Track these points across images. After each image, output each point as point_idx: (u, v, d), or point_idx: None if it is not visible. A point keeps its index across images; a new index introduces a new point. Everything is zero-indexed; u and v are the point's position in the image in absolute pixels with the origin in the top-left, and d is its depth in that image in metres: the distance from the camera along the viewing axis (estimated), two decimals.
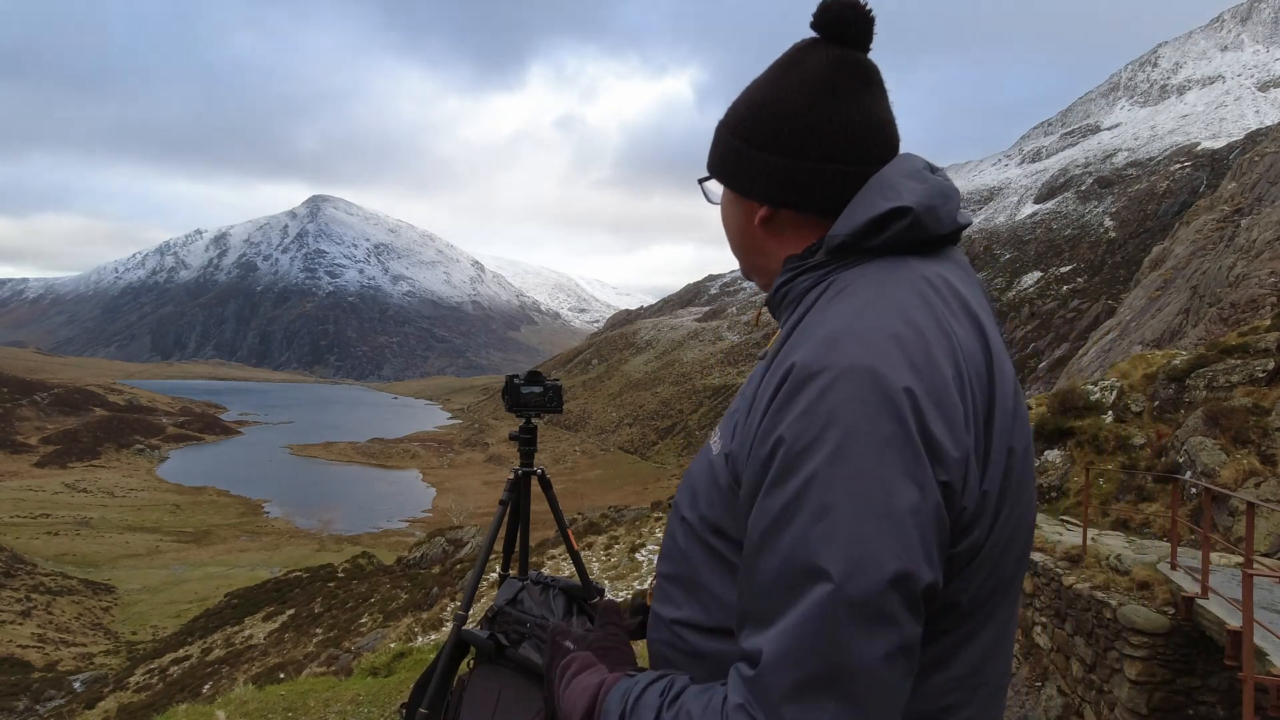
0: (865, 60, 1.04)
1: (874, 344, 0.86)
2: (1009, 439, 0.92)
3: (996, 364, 0.93)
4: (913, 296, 0.92)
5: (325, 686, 6.46)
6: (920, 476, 0.81)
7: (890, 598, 0.79)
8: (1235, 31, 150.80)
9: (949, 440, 0.84)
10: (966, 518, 0.87)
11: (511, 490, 2.92)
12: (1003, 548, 0.93)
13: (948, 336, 0.89)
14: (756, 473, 0.88)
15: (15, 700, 31.84)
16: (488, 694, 2.31)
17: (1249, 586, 4.92)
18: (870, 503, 0.80)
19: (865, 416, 0.82)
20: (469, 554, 34.91)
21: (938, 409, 0.84)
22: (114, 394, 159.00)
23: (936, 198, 0.99)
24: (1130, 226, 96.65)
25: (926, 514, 0.81)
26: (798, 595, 0.81)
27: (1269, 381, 9.75)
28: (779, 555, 0.83)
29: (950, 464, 0.84)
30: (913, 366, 0.84)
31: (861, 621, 0.79)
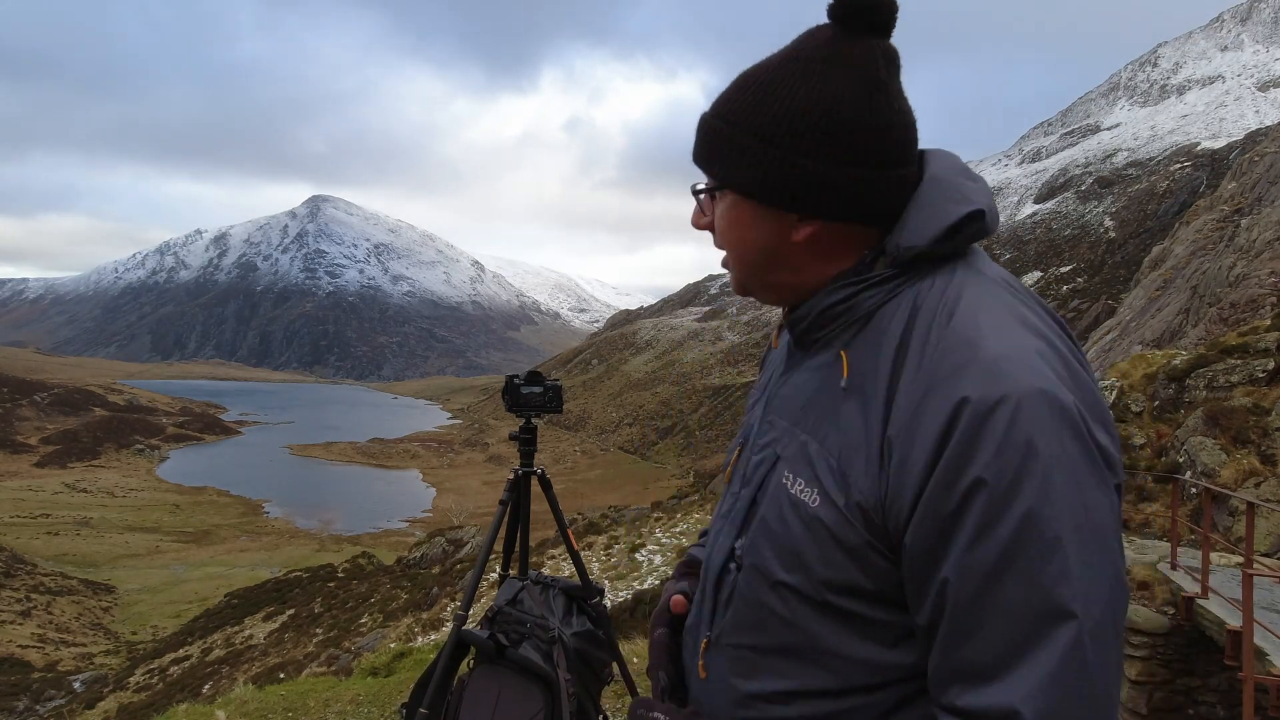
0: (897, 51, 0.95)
1: (1033, 365, 0.82)
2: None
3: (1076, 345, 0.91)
4: (1016, 304, 0.89)
5: (325, 686, 6.46)
6: (1109, 489, 0.81)
7: (1118, 618, 0.80)
8: (1235, 31, 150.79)
9: (1112, 446, 0.84)
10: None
11: (511, 490, 2.92)
12: None
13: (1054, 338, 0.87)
14: (944, 522, 0.81)
15: (15, 700, 31.84)
16: (487, 694, 2.30)
17: (1249, 586, 4.92)
18: (1089, 530, 0.79)
19: (1059, 441, 0.79)
20: (469, 554, 34.90)
21: (1096, 418, 0.83)
22: (114, 394, 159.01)
23: (990, 196, 0.94)
24: (1130, 226, 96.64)
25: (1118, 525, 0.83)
26: (1042, 639, 0.77)
27: (1269, 381, 9.75)
28: (1003, 603, 0.78)
29: (1118, 468, 0.84)
30: (1064, 380, 0.82)
31: (1106, 650, 0.78)
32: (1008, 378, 0.80)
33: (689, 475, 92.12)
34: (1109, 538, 0.80)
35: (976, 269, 0.92)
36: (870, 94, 0.90)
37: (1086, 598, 0.77)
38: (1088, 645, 0.77)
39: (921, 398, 0.83)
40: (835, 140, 0.90)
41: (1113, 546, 0.81)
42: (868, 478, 0.86)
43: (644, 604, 12.43)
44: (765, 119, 0.92)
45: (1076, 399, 0.81)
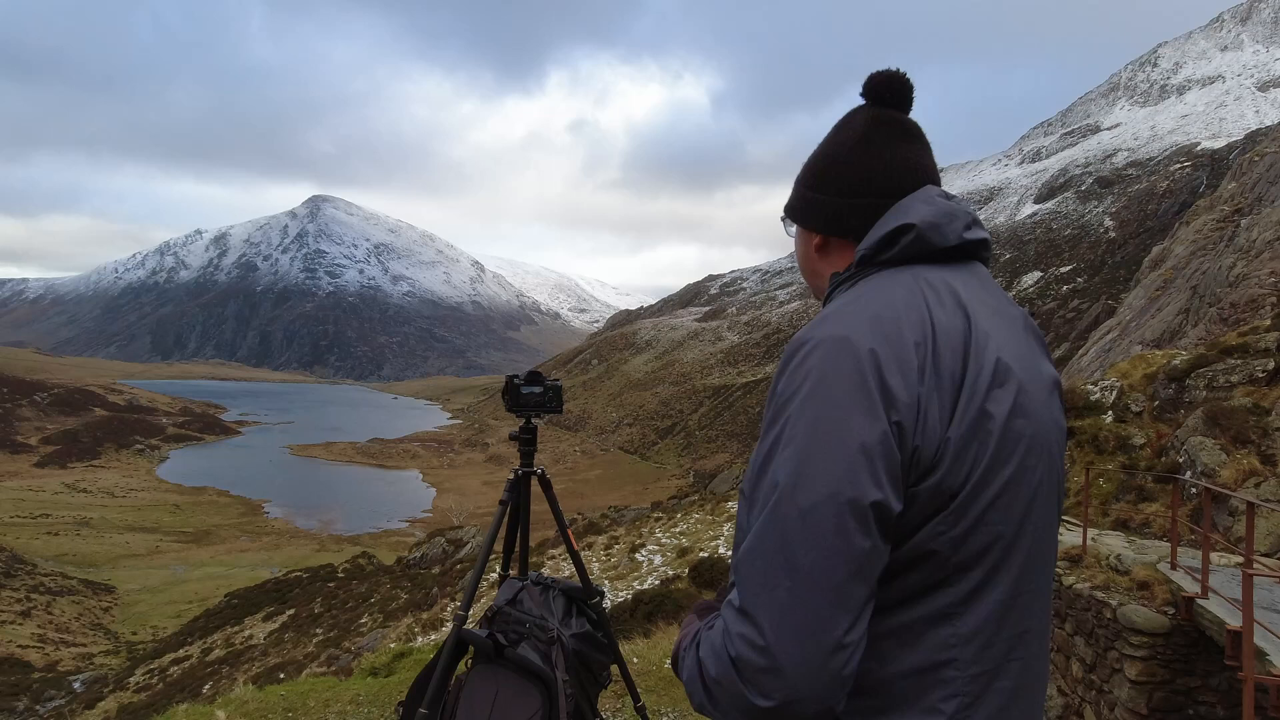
0: (902, 117, 1.28)
1: (851, 320, 1.09)
2: (982, 403, 1.07)
3: (975, 344, 1.10)
4: (900, 289, 1.13)
5: (325, 686, 6.46)
6: (874, 414, 1.01)
7: (833, 508, 0.99)
8: (1235, 31, 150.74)
9: (902, 389, 1.03)
10: (924, 457, 1.03)
11: (511, 490, 2.92)
12: (989, 504, 1.06)
13: (920, 315, 1.09)
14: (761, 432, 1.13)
15: (15, 700, 31.83)
16: (485, 693, 2.30)
17: (1249, 586, 4.91)
18: (824, 432, 1.02)
19: (833, 369, 1.04)
20: (469, 554, 34.90)
21: (895, 364, 1.04)
22: (114, 394, 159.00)
23: (942, 217, 1.19)
24: (1130, 226, 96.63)
25: (875, 444, 1.01)
26: (766, 504, 1.03)
27: (1269, 381, 9.74)
28: (764, 482, 1.05)
29: (901, 407, 1.03)
30: (879, 334, 1.06)
31: (808, 526, 0.99)
32: (821, 327, 1.11)
33: (689, 475, 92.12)
34: (851, 450, 1.00)
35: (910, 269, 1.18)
36: (854, 147, 1.27)
37: (795, 479, 1.01)
38: (790, 516, 1.00)
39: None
40: (825, 178, 1.29)
41: (851, 457, 0.99)
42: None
43: (644, 604, 12.41)
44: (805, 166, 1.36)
45: (881, 348, 1.04)
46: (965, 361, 1.08)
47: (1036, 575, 1.13)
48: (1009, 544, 1.09)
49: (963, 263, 1.22)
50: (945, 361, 1.07)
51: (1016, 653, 1.09)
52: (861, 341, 1.05)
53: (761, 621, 0.99)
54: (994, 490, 1.07)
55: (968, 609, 1.06)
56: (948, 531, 1.05)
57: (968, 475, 1.05)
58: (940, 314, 1.11)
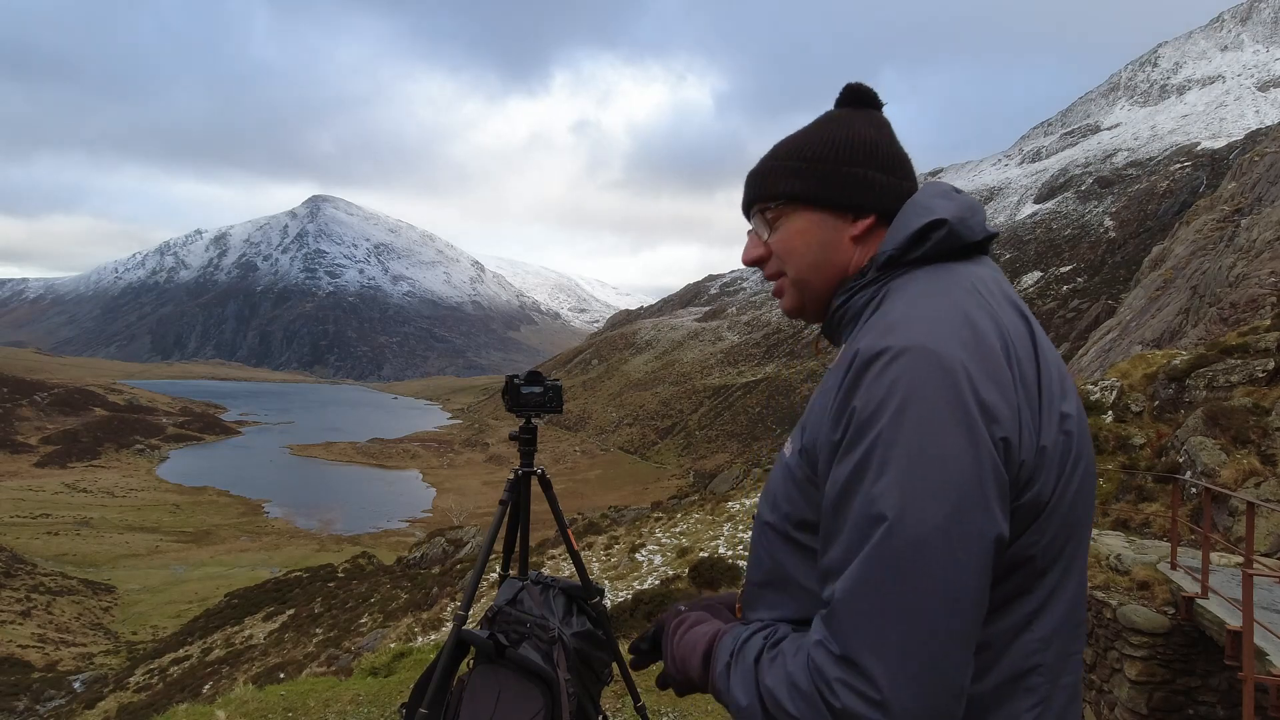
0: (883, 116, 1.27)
1: (928, 327, 0.99)
2: (1060, 404, 1.03)
3: (1040, 343, 1.07)
4: (959, 289, 1.07)
5: (325, 686, 6.46)
6: (977, 434, 0.92)
7: (948, 543, 0.90)
8: (1235, 31, 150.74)
9: (1001, 402, 0.95)
10: (1026, 471, 0.97)
11: (511, 490, 2.92)
12: (1070, 506, 1.04)
13: (993, 319, 1.03)
14: (830, 449, 1.00)
15: (15, 700, 31.84)
16: (487, 694, 2.30)
17: (1249, 586, 4.92)
18: (928, 458, 0.91)
19: (924, 383, 0.94)
20: (469, 554, 34.91)
21: (989, 377, 0.96)
22: (114, 394, 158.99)
23: (966, 210, 1.15)
24: (1130, 226, 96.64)
25: (986, 469, 0.92)
26: (864, 541, 0.92)
27: (1269, 381, 9.74)
28: (850, 512, 0.94)
29: (1005, 421, 0.95)
30: (963, 343, 0.97)
31: (922, 563, 0.89)
32: (894, 335, 0.99)
33: (689, 475, 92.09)
34: (951, 469, 0.91)
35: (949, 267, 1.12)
36: (884, 129, 1.23)
37: (903, 510, 0.90)
38: (898, 550, 0.90)
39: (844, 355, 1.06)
40: (867, 153, 1.19)
41: (953, 477, 0.91)
42: (813, 425, 1.07)
43: (644, 604, 12.42)
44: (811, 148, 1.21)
45: (970, 358, 0.96)
46: (1038, 365, 1.04)
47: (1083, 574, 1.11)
48: (1079, 542, 1.08)
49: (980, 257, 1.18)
50: (1024, 367, 1.02)
51: (1075, 645, 1.08)
52: (949, 351, 0.96)
53: (874, 671, 0.89)
54: (1073, 491, 1.04)
55: (1045, 611, 1.03)
56: (1040, 540, 1.01)
57: (1056, 481, 1.01)
58: (1003, 316, 1.05)
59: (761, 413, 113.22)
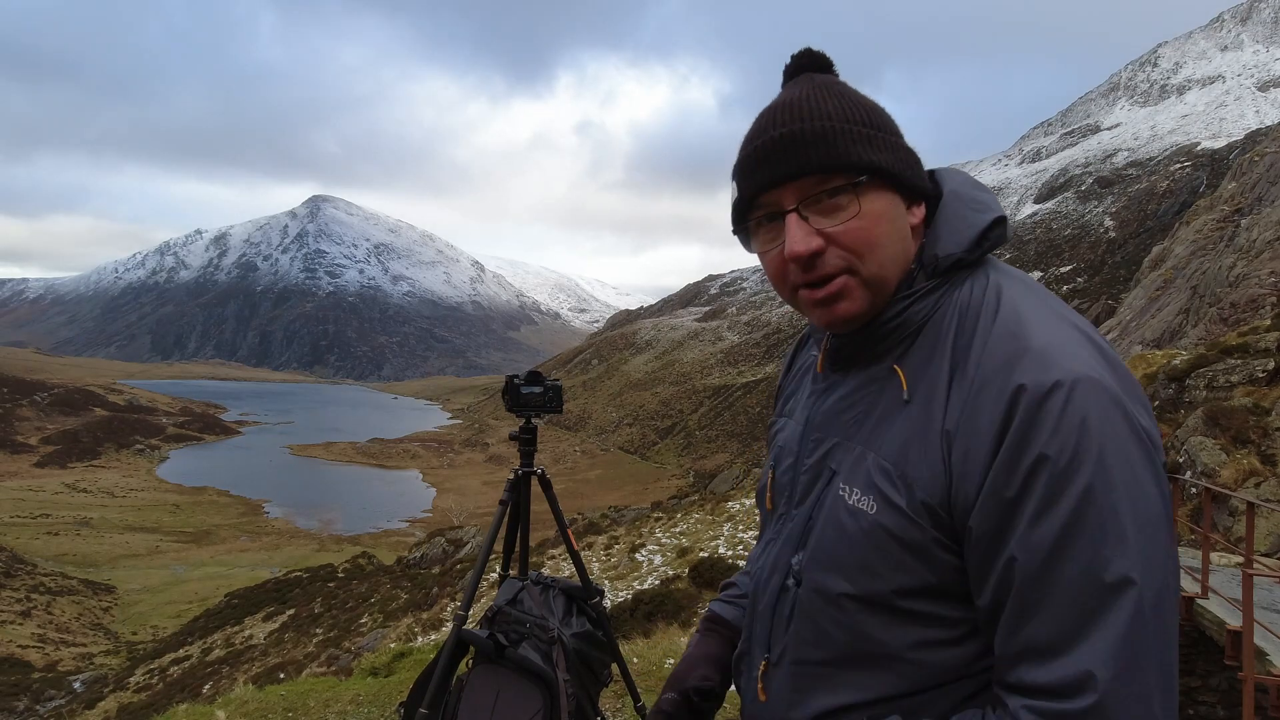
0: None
1: (1078, 353, 0.87)
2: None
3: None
4: (1049, 299, 0.97)
5: (325, 686, 6.46)
6: (1158, 469, 0.86)
7: (1174, 589, 0.83)
8: (1235, 31, 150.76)
9: (1153, 428, 0.88)
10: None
11: (512, 490, 2.92)
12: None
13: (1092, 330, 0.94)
14: (1008, 503, 0.84)
15: (15, 700, 31.84)
16: (486, 694, 2.30)
17: (1249, 586, 4.92)
18: (1143, 504, 0.82)
19: (1110, 421, 0.83)
20: (469, 554, 34.91)
21: (1137, 401, 0.87)
22: (114, 394, 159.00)
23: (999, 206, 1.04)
24: (1130, 226, 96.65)
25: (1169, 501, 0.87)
26: (1108, 609, 0.80)
27: (1269, 381, 9.75)
28: (1071, 575, 0.81)
29: (1160, 449, 0.88)
30: (1105, 367, 0.88)
31: (1165, 617, 0.81)
32: (1058, 365, 0.85)
33: (689, 475, 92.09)
34: (1159, 512, 0.83)
35: (1005, 271, 1.01)
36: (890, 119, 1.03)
37: (1145, 567, 0.80)
38: (1148, 612, 0.80)
39: (978, 391, 0.88)
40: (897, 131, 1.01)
41: (1163, 521, 0.83)
42: (930, 475, 0.89)
43: (644, 604, 12.42)
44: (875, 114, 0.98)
45: (1117, 383, 0.86)
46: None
47: None
48: None
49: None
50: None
51: None
52: (1108, 380, 0.86)
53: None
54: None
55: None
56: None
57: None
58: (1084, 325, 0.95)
59: (762, 413, 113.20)
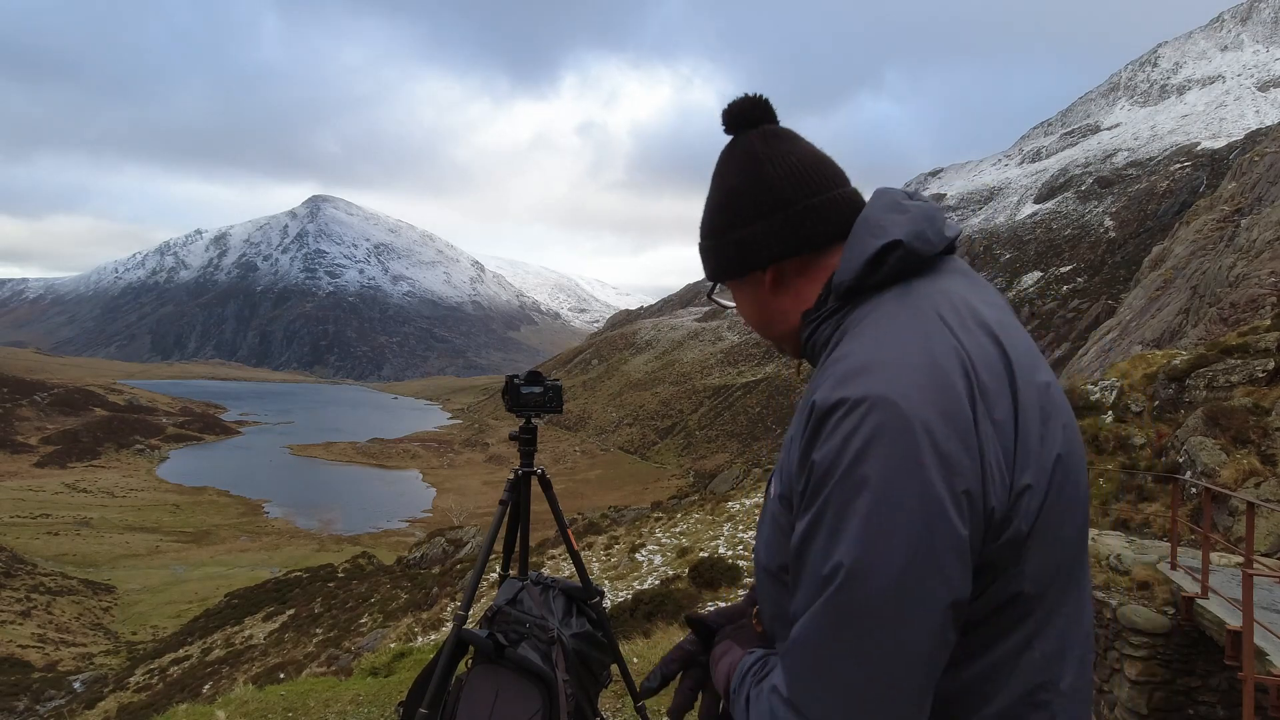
0: (778, 126, 1.19)
1: (888, 375, 0.94)
2: (1040, 435, 0.98)
3: (1016, 369, 1.00)
4: (921, 323, 1.00)
5: (325, 686, 6.46)
6: (932, 493, 0.88)
7: (898, 599, 0.88)
8: (1235, 31, 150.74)
9: (963, 453, 0.90)
10: (999, 515, 0.93)
11: (512, 490, 2.92)
12: (1058, 528, 1.00)
13: (955, 353, 0.96)
14: (796, 500, 0.99)
15: (15, 700, 31.83)
16: (485, 693, 2.30)
17: (1249, 586, 4.92)
18: (886, 511, 0.88)
19: (880, 439, 0.90)
20: (469, 554, 34.91)
21: (949, 426, 0.91)
22: (114, 394, 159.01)
23: (922, 222, 1.07)
24: (1130, 226, 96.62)
25: (939, 528, 0.89)
26: (821, 592, 0.91)
27: (1269, 381, 9.74)
28: (808, 563, 0.93)
29: (967, 473, 0.90)
30: (927, 390, 0.92)
31: (869, 616, 0.88)
32: (850, 385, 0.94)
33: (689, 475, 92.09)
34: (904, 529, 0.88)
35: (911, 290, 1.05)
36: (750, 167, 1.15)
37: (858, 560, 0.88)
38: (852, 606, 0.88)
39: (803, 404, 1.02)
40: (738, 210, 1.16)
41: (907, 538, 0.88)
42: (786, 471, 1.04)
43: (644, 604, 12.42)
44: (705, 222, 1.23)
45: (930, 408, 0.91)
46: (1014, 395, 0.98)
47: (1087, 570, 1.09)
48: (1075, 557, 1.05)
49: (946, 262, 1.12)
50: (994, 400, 0.96)
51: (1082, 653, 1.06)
52: (910, 404, 0.91)
53: (814, 711, 0.91)
54: (1061, 512, 1.00)
55: (1045, 630, 1.00)
56: (1028, 572, 0.98)
57: (1038, 513, 0.97)
58: (970, 342, 0.99)
59: (761, 413, 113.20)
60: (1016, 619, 0.98)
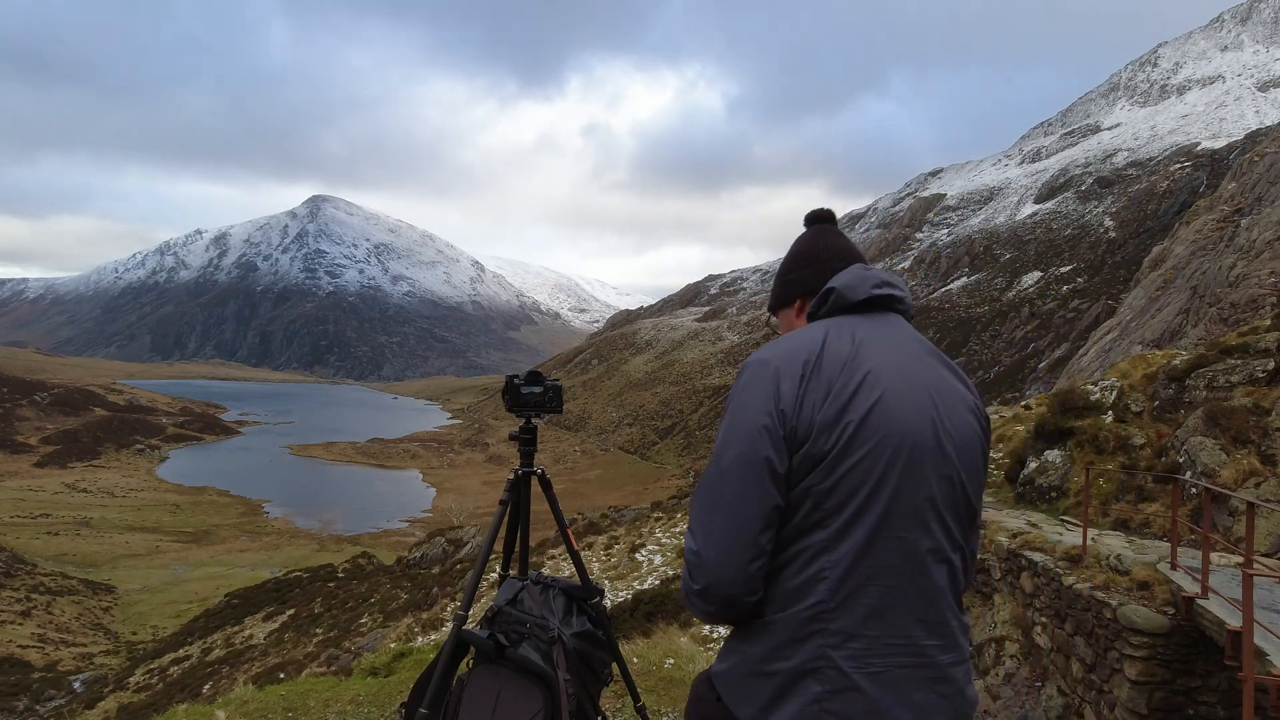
0: (830, 226, 2.00)
1: (774, 347, 1.71)
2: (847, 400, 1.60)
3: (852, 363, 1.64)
4: (816, 329, 1.73)
5: (325, 686, 6.45)
6: (768, 406, 1.61)
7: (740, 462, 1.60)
8: (1235, 31, 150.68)
9: (789, 390, 1.62)
10: (800, 433, 1.59)
11: (512, 490, 2.92)
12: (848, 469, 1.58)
13: (815, 343, 1.67)
14: None
15: (15, 700, 31.84)
16: (487, 693, 2.30)
17: (1249, 586, 4.92)
18: (740, 417, 1.63)
19: (753, 378, 1.66)
20: (469, 554, 34.90)
21: (788, 374, 1.63)
22: (114, 394, 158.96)
23: (855, 280, 1.79)
24: (1130, 226, 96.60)
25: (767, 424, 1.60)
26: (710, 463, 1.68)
27: (1269, 381, 9.74)
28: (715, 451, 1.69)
29: (786, 401, 1.61)
30: (783, 355, 1.66)
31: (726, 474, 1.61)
32: (758, 353, 1.72)
33: (689, 475, 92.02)
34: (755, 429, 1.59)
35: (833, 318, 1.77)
36: (803, 246, 1.97)
37: (723, 448, 1.63)
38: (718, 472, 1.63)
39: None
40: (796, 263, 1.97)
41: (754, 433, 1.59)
42: None
43: (644, 604, 12.41)
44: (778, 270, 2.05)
45: (779, 362, 1.64)
46: (841, 373, 1.63)
47: (896, 528, 1.60)
48: (864, 501, 1.58)
49: (878, 313, 1.78)
50: (826, 372, 1.63)
51: (875, 580, 1.58)
52: (771, 359, 1.67)
53: (698, 535, 1.63)
54: (852, 460, 1.58)
55: (838, 545, 1.58)
56: (819, 483, 1.58)
57: (831, 447, 1.58)
58: (835, 343, 1.68)
59: None
60: (814, 523, 1.59)
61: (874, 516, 1.59)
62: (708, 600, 1.61)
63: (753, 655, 1.63)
